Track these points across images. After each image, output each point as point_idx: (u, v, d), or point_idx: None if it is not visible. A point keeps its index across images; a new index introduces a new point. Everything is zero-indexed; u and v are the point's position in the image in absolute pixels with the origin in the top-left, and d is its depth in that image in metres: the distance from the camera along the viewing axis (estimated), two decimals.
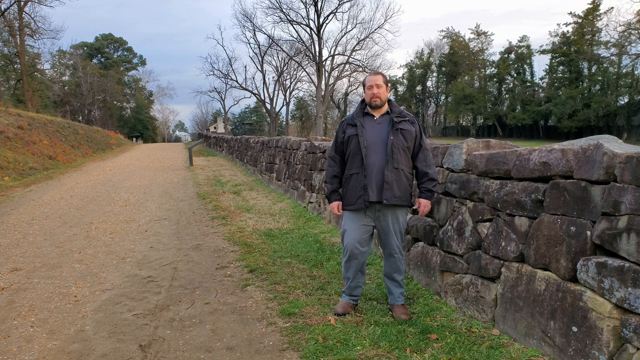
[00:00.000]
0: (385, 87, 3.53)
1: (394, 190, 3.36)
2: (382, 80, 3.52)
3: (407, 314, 3.46)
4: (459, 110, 59.10)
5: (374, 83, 3.49)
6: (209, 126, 72.00)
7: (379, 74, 3.61)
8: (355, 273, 3.55)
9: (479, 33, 59.48)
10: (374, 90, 3.48)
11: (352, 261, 3.51)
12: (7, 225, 7.28)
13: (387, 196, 3.35)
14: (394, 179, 3.36)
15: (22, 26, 32.13)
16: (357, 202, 3.42)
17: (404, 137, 3.41)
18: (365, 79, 3.63)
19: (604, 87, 44.99)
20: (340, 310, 3.52)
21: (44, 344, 3.20)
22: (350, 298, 3.60)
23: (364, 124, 3.49)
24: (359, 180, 3.41)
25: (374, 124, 3.49)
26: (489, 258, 3.23)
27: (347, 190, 3.51)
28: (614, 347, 2.29)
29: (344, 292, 3.64)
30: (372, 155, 3.39)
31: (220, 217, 7.59)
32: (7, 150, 15.58)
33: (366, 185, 3.38)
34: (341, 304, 3.59)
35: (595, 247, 2.45)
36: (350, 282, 3.57)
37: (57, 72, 52.30)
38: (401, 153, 3.39)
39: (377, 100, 3.47)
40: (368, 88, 3.53)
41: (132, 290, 4.26)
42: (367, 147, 3.40)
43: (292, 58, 41.55)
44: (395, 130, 3.40)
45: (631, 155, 2.25)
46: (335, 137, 3.67)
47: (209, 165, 18.46)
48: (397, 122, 3.43)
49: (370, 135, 3.43)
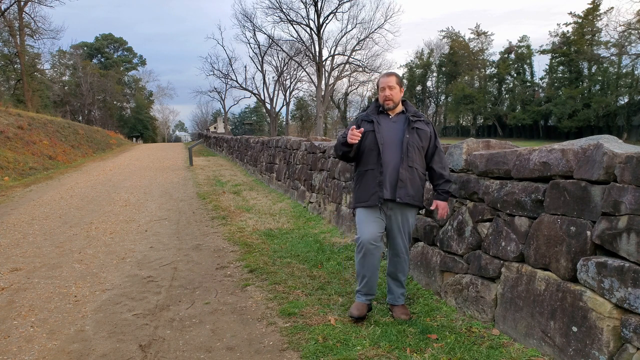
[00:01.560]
0: (399, 87, 3.45)
1: (408, 189, 3.31)
2: (395, 81, 3.44)
3: (407, 314, 3.43)
4: (459, 110, 59.12)
5: (387, 85, 3.42)
6: (209, 126, 71.98)
7: (392, 75, 3.52)
8: (372, 270, 3.39)
9: (479, 33, 59.51)
10: (387, 93, 3.42)
11: (368, 257, 3.35)
12: (7, 225, 7.28)
13: (401, 194, 3.30)
14: (408, 178, 3.31)
15: (22, 26, 32.13)
16: (370, 198, 3.35)
17: (419, 137, 3.37)
18: (379, 80, 3.56)
19: (604, 87, 45.01)
20: (356, 313, 3.36)
21: (44, 344, 3.20)
22: (366, 298, 3.45)
23: (380, 121, 3.43)
24: (375, 176, 3.34)
25: (390, 122, 3.44)
26: (489, 258, 3.23)
27: (360, 186, 3.44)
28: (614, 347, 2.29)
29: (359, 292, 3.47)
30: (388, 152, 3.33)
31: (220, 217, 7.59)
32: (7, 150, 15.58)
33: (382, 182, 3.31)
34: (356, 305, 3.43)
35: (595, 247, 2.45)
36: (367, 281, 3.41)
37: (57, 72, 52.36)
38: (416, 152, 3.35)
39: (389, 102, 3.43)
40: (381, 90, 3.47)
41: (132, 290, 4.26)
42: (384, 144, 3.34)
43: (292, 58, 41.56)
44: (411, 129, 3.36)
45: (631, 155, 2.25)
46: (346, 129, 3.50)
47: (209, 165, 18.46)
48: (413, 121, 3.39)
49: (386, 133, 3.38)
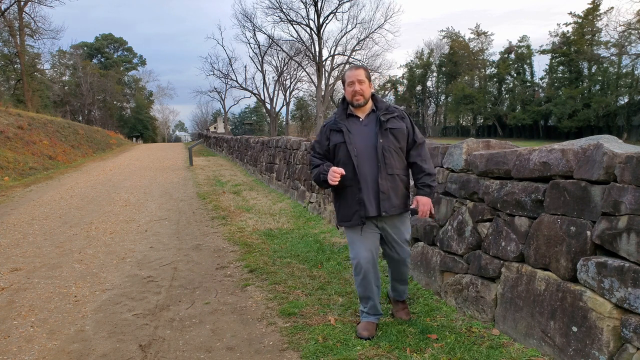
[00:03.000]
0: (369, 82, 3.10)
1: (392, 200, 3.03)
2: (364, 74, 3.09)
3: (408, 314, 3.40)
4: (459, 110, 59.09)
5: (355, 78, 3.06)
6: (209, 126, 72.03)
7: (361, 67, 3.19)
8: (374, 290, 3.15)
9: (479, 33, 59.47)
10: (356, 87, 3.05)
11: (369, 277, 3.11)
12: (7, 225, 7.28)
13: (386, 207, 3.02)
14: (390, 187, 3.02)
15: (22, 26, 32.15)
16: (353, 218, 3.06)
17: (394, 137, 3.04)
18: (345, 74, 3.16)
19: (604, 87, 44.97)
20: (365, 334, 3.08)
21: (44, 344, 3.20)
22: (375, 317, 3.22)
23: (350, 128, 3.07)
24: (354, 193, 3.03)
25: (360, 127, 3.08)
26: (489, 258, 3.23)
27: (340, 204, 3.14)
28: (614, 347, 2.29)
29: (365, 312, 3.21)
30: (363, 164, 3.01)
31: (220, 217, 7.60)
32: (7, 150, 15.58)
33: (362, 199, 3.01)
34: (364, 325, 3.15)
35: (595, 247, 2.45)
36: (372, 303, 3.17)
37: (57, 72, 52.39)
38: (394, 156, 3.04)
39: (359, 98, 3.06)
40: (348, 85, 3.08)
41: (132, 290, 4.26)
42: (358, 156, 3.01)
43: (292, 58, 41.59)
44: (384, 131, 3.02)
45: (631, 155, 2.25)
46: (318, 143, 3.20)
47: (209, 165, 18.46)
48: (384, 120, 3.04)
49: (359, 141, 3.04)
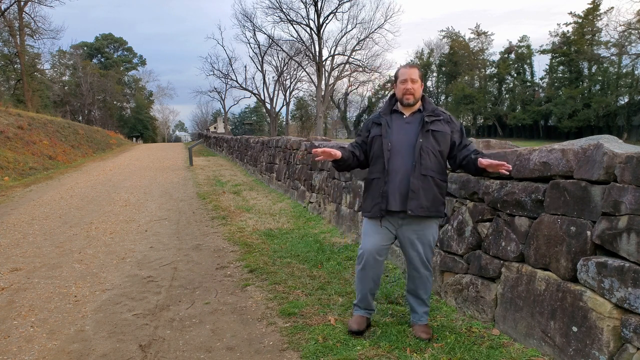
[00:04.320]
0: (421, 82, 3.08)
1: (421, 200, 2.94)
2: (418, 74, 3.05)
3: (428, 333, 3.07)
4: (459, 110, 59.00)
5: (409, 77, 3.01)
6: (209, 126, 72.01)
7: (415, 66, 3.15)
8: (370, 286, 3.18)
9: (479, 33, 59.42)
10: (408, 85, 3.01)
11: (368, 270, 3.13)
12: (7, 225, 7.27)
13: (412, 206, 2.94)
14: (421, 187, 2.94)
15: (22, 26, 32.14)
16: (373, 209, 3.06)
17: (435, 140, 2.98)
18: (399, 71, 3.13)
19: (604, 87, 44.96)
20: (355, 326, 3.13)
21: (44, 344, 3.20)
22: (366, 312, 3.24)
23: (391, 123, 3.06)
24: (379, 186, 3.02)
25: (402, 124, 3.06)
26: (489, 258, 3.23)
27: (366, 195, 3.16)
28: (614, 347, 2.29)
29: (357, 305, 3.26)
30: (396, 160, 2.98)
31: (220, 217, 7.59)
32: (7, 150, 15.58)
33: (386, 193, 2.98)
34: (355, 319, 3.20)
35: (595, 247, 2.45)
36: (363, 296, 3.21)
37: (57, 72, 52.35)
38: (431, 158, 2.96)
39: (410, 97, 3.03)
40: (401, 82, 3.05)
41: (132, 290, 4.26)
42: (391, 150, 2.99)
43: (292, 58, 41.60)
44: (426, 132, 2.97)
45: (631, 155, 2.25)
46: (359, 134, 3.25)
47: (209, 165, 18.46)
48: (428, 122, 2.99)
49: (396, 137, 3.02)
